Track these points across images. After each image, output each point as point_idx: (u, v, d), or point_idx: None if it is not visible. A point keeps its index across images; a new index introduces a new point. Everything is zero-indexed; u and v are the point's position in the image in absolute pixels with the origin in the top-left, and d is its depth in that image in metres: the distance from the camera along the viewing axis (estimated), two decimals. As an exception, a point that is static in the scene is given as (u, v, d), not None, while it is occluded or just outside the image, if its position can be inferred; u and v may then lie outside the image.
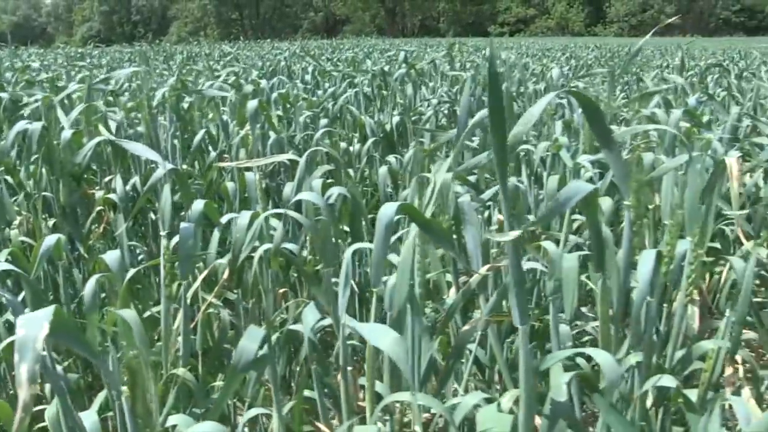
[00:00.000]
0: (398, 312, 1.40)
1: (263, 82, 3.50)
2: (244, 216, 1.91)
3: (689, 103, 3.33)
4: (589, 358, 1.40)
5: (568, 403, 1.18)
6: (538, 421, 1.19)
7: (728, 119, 2.90)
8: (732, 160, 2.05)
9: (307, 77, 6.08)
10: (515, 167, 2.80)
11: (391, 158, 3.15)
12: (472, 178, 2.32)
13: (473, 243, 1.76)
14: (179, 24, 55.45)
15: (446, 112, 4.01)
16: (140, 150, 1.82)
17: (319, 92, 4.91)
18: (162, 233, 1.80)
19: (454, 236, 1.78)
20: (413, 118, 4.05)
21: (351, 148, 3.44)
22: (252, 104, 2.58)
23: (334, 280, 1.59)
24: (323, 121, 3.39)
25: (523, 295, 1.12)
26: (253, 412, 1.60)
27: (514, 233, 0.99)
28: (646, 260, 1.33)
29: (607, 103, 3.44)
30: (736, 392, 1.49)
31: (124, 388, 1.03)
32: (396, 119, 3.80)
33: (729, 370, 1.60)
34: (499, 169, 1.04)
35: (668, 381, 1.36)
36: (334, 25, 58.04)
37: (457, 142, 1.91)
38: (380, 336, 1.08)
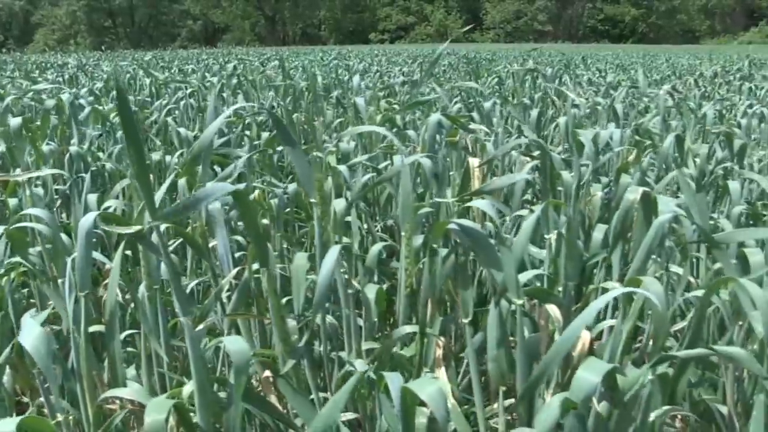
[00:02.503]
0: (110, 314, 1.48)
1: (65, 97, 3.45)
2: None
3: (485, 107, 3.59)
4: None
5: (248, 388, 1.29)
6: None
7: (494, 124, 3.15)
8: (474, 160, 2.26)
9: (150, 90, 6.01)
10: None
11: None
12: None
13: (223, 248, 1.86)
14: (45, 31, 52.45)
15: (266, 121, 4.09)
16: None
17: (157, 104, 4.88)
18: None
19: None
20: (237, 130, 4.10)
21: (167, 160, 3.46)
22: (15, 122, 2.57)
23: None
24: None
25: (180, 289, 1.23)
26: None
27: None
28: (329, 256, 1.46)
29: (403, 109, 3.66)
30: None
31: None
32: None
33: (438, 352, 1.78)
34: (140, 183, 1.14)
35: (359, 365, 1.51)
36: (213, 34, 56.97)
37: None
38: (27, 335, 1.15)
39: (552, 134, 4.44)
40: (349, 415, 1.80)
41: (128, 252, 2.32)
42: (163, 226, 1.82)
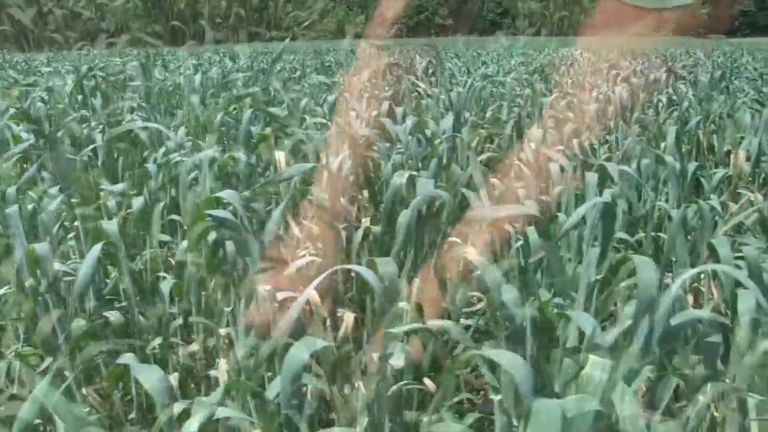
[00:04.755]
0: None
1: None
2: None
3: (329, 100, 3.67)
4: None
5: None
6: None
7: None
8: (281, 153, 2.33)
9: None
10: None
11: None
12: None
13: (21, 252, 1.86)
14: None
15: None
16: None
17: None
18: None
19: None
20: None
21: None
22: None
23: None
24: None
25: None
26: None
27: None
28: (91, 254, 1.48)
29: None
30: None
31: None
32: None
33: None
34: None
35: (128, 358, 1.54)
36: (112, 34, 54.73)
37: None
38: None
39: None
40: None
41: None
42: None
